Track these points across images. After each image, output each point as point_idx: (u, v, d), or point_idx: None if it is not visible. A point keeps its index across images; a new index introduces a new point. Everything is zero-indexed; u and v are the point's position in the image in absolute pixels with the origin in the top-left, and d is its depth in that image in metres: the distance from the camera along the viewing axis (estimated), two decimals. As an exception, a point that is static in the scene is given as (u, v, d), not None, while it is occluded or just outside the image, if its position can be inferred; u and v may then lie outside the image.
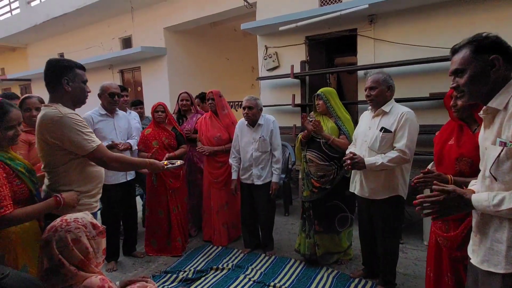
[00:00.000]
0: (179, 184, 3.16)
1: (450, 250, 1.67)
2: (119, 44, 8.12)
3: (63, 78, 1.72)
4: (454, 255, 1.66)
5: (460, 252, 1.63)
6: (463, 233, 1.59)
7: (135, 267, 3.00)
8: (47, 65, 1.76)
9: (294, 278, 2.66)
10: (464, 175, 1.60)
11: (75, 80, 1.76)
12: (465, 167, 1.61)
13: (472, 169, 1.58)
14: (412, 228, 3.44)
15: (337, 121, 2.70)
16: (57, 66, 1.75)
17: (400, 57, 4.15)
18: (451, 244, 1.65)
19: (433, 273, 1.83)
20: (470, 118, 1.67)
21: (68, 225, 1.22)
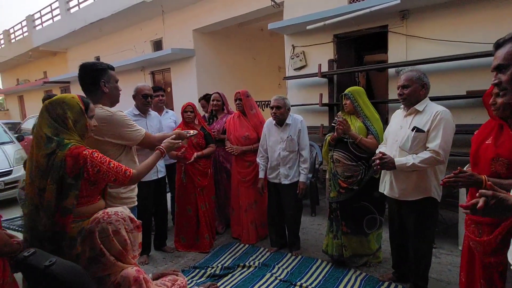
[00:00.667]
0: (206, 182, 3.24)
1: (483, 255, 1.59)
2: (151, 46, 8.43)
3: (101, 80, 1.84)
4: (487, 261, 1.58)
5: (494, 258, 1.54)
6: (497, 239, 1.50)
7: (165, 261, 3.11)
8: (82, 70, 1.88)
9: (321, 278, 2.64)
10: (500, 177, 1.51)
11: (110, 81, 1.88)
12: (501, 168, 1.52)
13: (509, 170, 1.49)
14: (446, 232, 3.29)
15: (365, 121, 2.64)
16: (93, 69, 1.86)
17: (434, 53, 3.97)
18: (484, 249, 1.57)
19: (465, 278, 1.75)
20: None
21: (109, 217, 1.31)
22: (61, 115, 1.46)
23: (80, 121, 1.50)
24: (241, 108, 3.31)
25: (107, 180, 1.52)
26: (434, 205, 2.20)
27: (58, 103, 1.48)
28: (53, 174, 1.37)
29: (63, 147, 1.40)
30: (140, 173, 1.68)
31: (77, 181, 1.42)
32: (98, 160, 1.46)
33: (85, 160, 1.41)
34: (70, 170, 1.39)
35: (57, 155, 1.38)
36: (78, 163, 1.40)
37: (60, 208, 1.39)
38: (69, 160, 1.39)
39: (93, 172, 1.44)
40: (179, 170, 3.24)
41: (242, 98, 3.27)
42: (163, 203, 3.23)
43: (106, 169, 1.49)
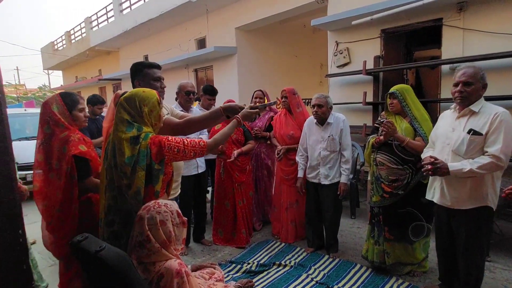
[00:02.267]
0: (244, 178, 3.27)
1: None
2: (195, 45, 8.71)
3: (135, 80, 1.92)
4: None
5: None
6: None
7: (203, 253, 3.20)
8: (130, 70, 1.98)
9: (360, 284, 2.54)
10: None
11: (144, 80, 1.91)
12: None
13: None
14: (502, 244, 2.99)
15: (413, 122, 2.47)
16: (132, 69, 1.95)
17: (494, 49, 3.61)
18: None
19: None
20: None
21: (159, 207, 1.39)
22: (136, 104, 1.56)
23: (154, 111, 1.58)
24: (287, 106, 3.28)
25: (188, 156, 1.60)
26: (490, 215, 2.01)
27: (136, 95, 1.58)
28: (141, 162, 1.47)
29: (145, 136, 1.51)
30: (216, 141, 1.72)
31: (163, 166, 1.53)
32: (174, 141, 1.54)
33: (164, 145, 1.52)
34: (155, 157, 1.50)
35: (141, 143, 1.48)
36: (162, 149, 1.51)
37: (153, 192, 1.50)
38: (153, 148, 1.49)
39: (174, 153, 1.53)
40: (218, 165, 3.31)
41: (288, 96, 3.25)
42: (203, 197, 3.33)
43: (184, 147, 1.56)
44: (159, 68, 2.02)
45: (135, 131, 1.50)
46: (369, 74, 4.66)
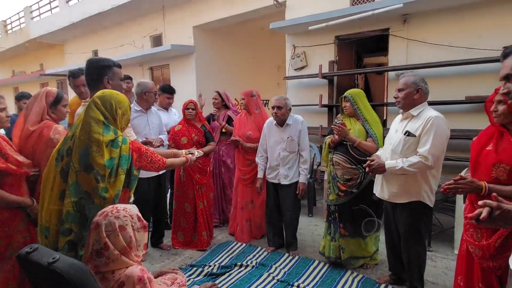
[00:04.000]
0: (205, 180, 3.23)
1: (482, 259, 1.61)
2: (150, 42, 8.37)
3: (105, 77, 1.84)
4: (486, 265, 1.60)
5: (492, 262, 1.56)
6: (496, 243, 1.53)
7: (162, 258, 3.10)
8: (88, 65, 1.88)
9: (318, 279, 2.65)
10: (500, 183, 1.54)
11: (114, 78, 1.89)
12: (502, 174, 1.54)
13: (509, 176, 1.51)
14: (442, 236, 3.32)
15: (364, 124, 2.65)
16: (99, 65, 1.86)
17: (435, 58, 4.00)
18: (483, 254, 1.59)
19: (463, 282, 1.77)
20: None
21: (117, 212, 1.31)
22: (113, 107, 1.56)
23: (126, 115, 1.62)
24: (246, 108, 3.37)
25: (154, 168, 1.69)
26: (425, 209, 2.21)
27: (111, 96, 1.57)
28: (123, 165, 1.49)
29: (123, 140, 1.53)
30: (170, 164, 1.89)
31: (139, 173, 1.60)
32: (149, 151, 1.65)
33: (143, 152, 1.59)
34: (135, 163, 1.55)
35: (122, 147, 1.50)
36: (140, 156, 1.57)
37: (127, 196, 1.55)
38: (134, 154, 1.54)
39: (147, 162, 1.63)
40: (178, 167, 3.23)
41: (245, 98, 3.35)
42: (162, 201, 3.22)
43: (155, 158, 1.67)
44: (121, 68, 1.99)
45: (113, 134, 1.50)
46: (325, 77, 4.87)
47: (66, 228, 1.43)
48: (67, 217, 1.43)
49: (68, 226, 1.42)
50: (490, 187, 1.53)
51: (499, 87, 1.59)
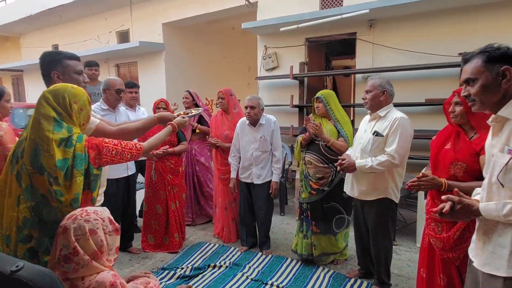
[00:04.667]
0: (177, 181, 3.17)
1: (442, 251, 1.73)
2: (116, 38, 8.04)
3: (52, 71, 1.67)
4: (446, 256, 1.72)
5: (452, 254, 1.69)
6: (455, 235, 1.65)
7: (132, 263, 2.99)
8: (40, 58, 1.72)
9: (291, 277, 2.70)
10: (458, 179, 1.66)
11: (66, 72, 1.69)
12: (459, 172, 1.66)
13: (465, 173, 1.64)
14: (405, 230, 3.52)
15: (336, 124, 2.74)
16: (47, 59, 1.70)
17: (398, 62, 4.23)
18: (443, 246, 1.71)
19: (426, 273, 1.88)
20: (468, 125, 1.72)
21: (87, 215, 1.24)
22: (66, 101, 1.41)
23: (84, 110, 1.47)
24: (224, 107, 3.33)
25: (126, 158, 1.55)
26: (392, 205, 2.34)
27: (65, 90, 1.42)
28: (79, 166, 1.35)
29: (78, 138, 1.39)
30: (151, 145, 1.72)
31: (101, 171, 1.45)
32: (112, 144, 1.48)
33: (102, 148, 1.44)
34: (93, 161, 1.40)
35: (76, 146, 1.37)
36: (100, 153, 1.42)
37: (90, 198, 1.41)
38: (91, 152, 1.40)
39: (112, 156, 1.47)
40: (149, 168, 3.13)
41: (225, 97, 3.30)
42: (132, 202, 3.11)
43: (121, 149, 1.51)
44: (79, 60, 1.79)
45: (65, 132, 1.37)
46: (296, 78, 4.97)
47: (25, 235, 1.33)
48: (24, 223, 1.33)
49: (27, 232, 1.33)
50: (449, 183, 1.65)
51: (457, 89, 1.72)
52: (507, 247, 1.17)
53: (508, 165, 1.15)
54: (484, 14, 3.78)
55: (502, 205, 1.15)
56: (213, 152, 3.44)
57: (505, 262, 1.17)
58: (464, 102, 1.63)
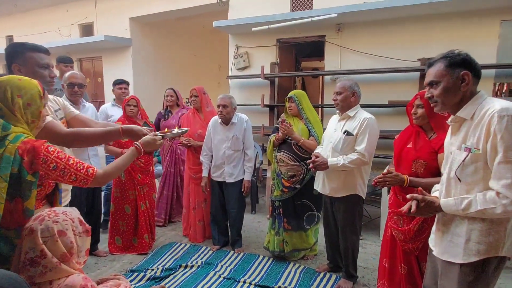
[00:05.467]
0: (148, 180, 3.09)
1: (403, 242, 1.86)
2: (79, 31, 7.64)
3: (13, 64, 1.57)
4: (406, 247, 1.85)
5: (412, 244, 1.82)
6: (415, 227, 1.78)
7: (98, 266, 2.87)
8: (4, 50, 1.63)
9: (263, 273, 2.74)
10: (418, 176, 1.79)
11: (27, 65, 1.58)
12: (420, 168, 1.80)
13: (425, 170, 1.78)
14: (370, 225, 3.70)
15: (307, 123, 2.81)
16: (8, 50, 1.59)
17: (364, 65, 4.44)
18: (404, 237, 1.84)
19: (388, 263, 2.01)
20: (427, 125, 1.86)
21: (56, 216, 1.18)
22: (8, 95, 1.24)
23: (33, 105, 1.28)
24: (197, 105, 3.28)
25: (66, 179, 1.30)
26: (360, 201, 2.47)
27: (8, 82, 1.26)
28: (3, 170, 1.15)
29: (14, 138, 1.20)
30: (107, 173, 1.43)
31: (37, 178, 1.22)
32: (55, 155, 1.25)
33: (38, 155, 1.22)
34: (28, 166, 1.19)
35: (7, 147, 1.17)
36: (35, 159, 1.21)
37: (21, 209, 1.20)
38: (25, 154, 1.19)
39: (49, 169, 1.24)
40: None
41: (198, 95, 3.25)
42: (96, 204, 2.98)
43: (64, 165, 1.27)
44: (48, 53, 1.67)
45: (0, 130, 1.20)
46: (267, 78, 5.02)
47: None
48: None
49: None
50: (410, 179, 1.78)
51: (419, 92, 1.85)
52: (463, 236, 1.28)
53: (465, 161, 1.27)
54: (440, 23, 4.08)
55: (460, 200, 1.26)
56: (186, 151, 3.38)
57: (461, 250, 1.28)
58: (425, 105, 1.77)
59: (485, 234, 1.24)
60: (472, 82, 1.30)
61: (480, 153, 1.23)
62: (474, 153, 1.24)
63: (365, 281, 2.63)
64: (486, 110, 1.23)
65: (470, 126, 1.28)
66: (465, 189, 1.29)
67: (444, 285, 1.35)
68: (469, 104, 1.31)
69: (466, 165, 1.27)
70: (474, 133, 1.25)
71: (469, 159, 1.26)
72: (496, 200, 1.16)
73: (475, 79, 1.31)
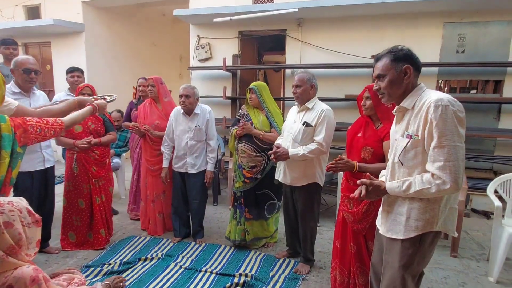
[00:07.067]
0: (104, 173, 2.97)
1: (353, 223, 2.02)
2: (24, 13, 6.99)
3: None
4: (355, 228, 2.01)
5: (360, 225, 1.98)
6: (363, 209, 1.94)
7: (49, 263, 2.72)
8: None
9: (225, 262, 2.78)
10: (367, 162, 1.94)
11: None
12: (368, 155, 1.94)
13: (372, 156, 1.93)
14: (327, 213, 3.90)
15: (268, 115, 2.88)
16: None
17: (323, 60, 4.60)
18: (354, 219, 2.00)
19: (340, 244, 2.16)
20: (375, 116, 2.01)
21: (1, 207, 1.12)
22: None
23: None
24: (154, 95, 3.21)
25: (49, 135, 1.58)
26: (318, 189, 2.60)
27: None
28: (7, 147, 1.36)
29: (1, 119, 1.41)
30: (72, 120, 1.78)
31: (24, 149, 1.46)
32: (34, 121, 1.51)
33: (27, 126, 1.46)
34: (19, 139, 1.44)
35: (1, 127, 1.38)
36: (26, 131, 1.44)
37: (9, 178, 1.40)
38: (17, 130, 1.41)
39: (37, 134, 1.50)
40: (69, 158, 2.86)
41: (155, 85, 3.17)
42: (50, 198, 2.80)
43: (44, 126, 1.54)
44: None
45: None
46: (229, 70, 5.01)
47: None
48: None
49: None
50: (360, 165, 1.92)
51: (368, 85, 1.98)
52: (404, 214, 1.42)
53: (406, 147, 1.40)
54: (392, 23, 4.36)
55: (402, 182, 1.39)
56: (142, 142, 3.29)
57: (402, 227, 1.42)
58: (373, 97, 1.91)
59: (423, 212, 1.39)
60: (413, 75, 1.43)
61: (419, 139, 1.36)
62: (414, 139, 1.37)
63: (322, 264, 2.79)
64: (424, 101, 1.36)
65: (411, 115, 1.41)
66: (407, 173, 1.42)
67: (388, 260, 1.49)
68: (410, 95, 1.44)
69: (408, 150, 1.40)
70: (415, 121, 1.38)
71: (410, 145, 1.39)
72: (431, 181, 1.30)
73: (416, 72, 1.44)
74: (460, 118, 1.29)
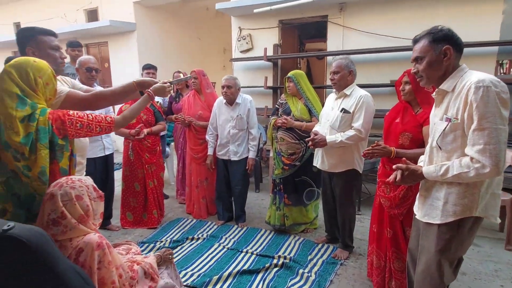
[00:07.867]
0: (155, 160, 3.25)
1: (390, 208, 2.00)
2: (84, 16, 7.70)
3: (27, 48, 1.69)
4: (392, 213, 1.99)
5: (397, 210, 1.95)
6: (400, 194, 1.91)
7: (111, 239, 3.07)
8: (16, 36, 1.75)
9: (265, 245, 2.91)
10: (405, 148, 1.89)
11: (40, 48, 1.69)
12: (406, 141, 1.90)
13: (411, 142, 1.88)
14: (368, 201, 3.83)
15: (307, 102, 2.90)
16: (19, 35, 1.71)
17: (366, 45, 4.43)
18: (390, 204, 1.98)
19: (376, 228, 2.16)
20: (414, 101, 1.94)
21: (73, 183, 1.33)
22: (31, 76, 1.40)
23: (50, 84, 1.47)
24: (197, 87, 3.40)
25: (95, 131, 1.55)
26: (357, 176, 2.59)
27: (27, 65, 1.41)
28: (43, 139, 1.36)
29: (41, 112, 1.39)
30: (125, 117, 1.70)
31: (67, 142, 1.45)
32: (76, 116, 1.48)
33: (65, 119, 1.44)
34: (58, 132, 1.41)
35: (39, 120, 1.37)
36: (63, 124, 1.43)
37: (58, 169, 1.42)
38: (54, 123, 1.41)
39: (77, 128, 1.47)
40: (126, 147, 3.19)
41: (198, 77, 3.36)
42: (110, 182, 3.17)
43: (87, 122, 1.51)
44: (56, 36, 1.79)
45: (29, 109, 1.36)
46: (270, 60, 5.07)
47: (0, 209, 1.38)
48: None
49: (1, 207, 1.38)
50: (397, 151, 1.88)
51: (407, 69, 1.92)
52: (441, 199, 1.40)
53: (445, 130, 1.36)
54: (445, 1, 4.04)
55: (440, 166, 1.36)
56: (187, 132, 3.51)
57: (439, 212, 1.40)
58: (412, 81, 1.85)
59: (461, 197, 1.35)
60: (454, 56, 1.37)
61: (459, 123, 1.32)
62: (453, 122, 1.33)
63: (361, 251, 2.78)
64: (465, 82, 1.31)
65: (451, 98, 1.36)
66: (445, 157, 1.39)
67: (424, 245, 1.48)
68: (451, 77, 1.39)
69: (446, 134, 1.36)
70: (454, 104, 1.34)
71: (448, 129, 1.35)
72: (470, 165, 1.27)
73: (457, 53, 1.38)
74: (503, 99, 1.23)
